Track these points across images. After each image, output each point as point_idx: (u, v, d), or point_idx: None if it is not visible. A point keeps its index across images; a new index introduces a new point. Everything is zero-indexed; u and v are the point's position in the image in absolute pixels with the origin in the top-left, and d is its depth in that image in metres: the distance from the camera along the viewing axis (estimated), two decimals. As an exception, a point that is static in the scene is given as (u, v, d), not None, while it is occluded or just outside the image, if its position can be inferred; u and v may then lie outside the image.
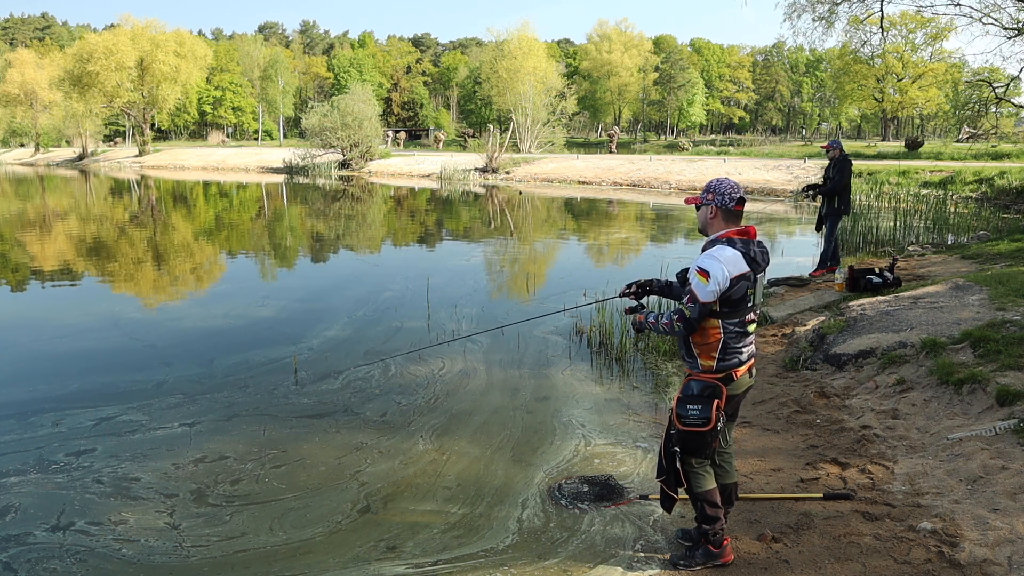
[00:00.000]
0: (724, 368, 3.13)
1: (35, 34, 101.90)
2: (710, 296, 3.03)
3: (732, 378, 3.15)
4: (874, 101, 57.76)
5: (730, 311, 3.09)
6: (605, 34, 72.69)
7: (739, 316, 3.11)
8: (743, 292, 3.07)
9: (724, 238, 3.12)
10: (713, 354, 3.12)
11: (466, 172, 35.77)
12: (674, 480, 3.28)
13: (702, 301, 3.05)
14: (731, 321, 3.10)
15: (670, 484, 3.30)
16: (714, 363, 3.13)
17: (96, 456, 4.73)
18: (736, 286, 3.04)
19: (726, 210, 3.14)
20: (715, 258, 3.04)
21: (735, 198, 3.13)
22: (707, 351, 3.14)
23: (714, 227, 3.18)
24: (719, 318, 3.10)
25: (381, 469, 4.53)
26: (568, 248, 14.76)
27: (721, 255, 3.04)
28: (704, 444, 3.14)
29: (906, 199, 18.46)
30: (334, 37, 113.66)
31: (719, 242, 3.12)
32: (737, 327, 3.12)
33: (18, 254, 14.17)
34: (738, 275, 3.03)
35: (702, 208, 3.22)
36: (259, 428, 5.17)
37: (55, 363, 6.78)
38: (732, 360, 3.13)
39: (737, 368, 3.14)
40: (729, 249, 3.07)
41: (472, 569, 3.45)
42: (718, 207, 3.15)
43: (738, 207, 3.14)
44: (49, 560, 3.58)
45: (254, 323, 8.34)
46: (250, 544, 3.69)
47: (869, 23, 26.55)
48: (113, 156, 59.81)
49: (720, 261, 3.02)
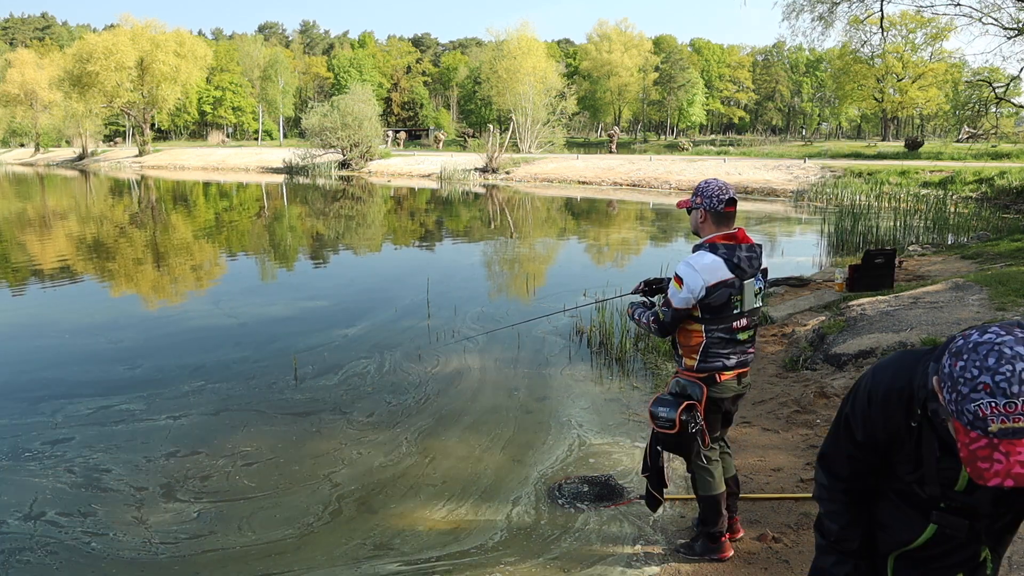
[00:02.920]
0: (706, 369, 3.10)
1: (35, 34, 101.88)
2: (682, 303, 3.01)
3: (715, 380, 3.11)
4: (874, 101, 57.74)
5: (712, 317, 3.04)
6: (605, 34, 72.64)
7: (724, 323, 3.05)
8: (725, 299, 3.01)
9: (708, 244, 3.06)
10: (694, 355, 3.11)
11: (466, 172, 35.75)
12: (657, 480, 3.29)
13: (674, 307, 3.04)
14: (714, 327, 3.06)
15: (654, 483, 3.30)
16: (695, 363, 3.11)
17: (71, 446, 4.80)
18: (715, 294, 2.98)
19: (715, 212, 3.06)
20: (691, 265, 3.00)
21: (724, 199, 3.05)
22: (689, 352, 3.13)
23: (705, 230, 3.11)
24: (702, 323, 3.06)
25: (376, 466, 4.51)
26: (571, 248, 14.75)
27: (698, 263, 3.00)
28: (682, 446, 3.12)
29: (906, 199, 18.47)
30: (334, 37, 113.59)
31: (703, 247, 3.07)
32: (723, 333, 3.06)
33: (16, 253, 14.16)
34: (716, 282, 2.98)
35: (692, 212, 3.16)
36: (254, 423, 5.17)
37: (47, 356, 6.78)
38: (715, 363, 3.09)
39: (721, 372, 3.10)
40: (709, 256, 3.01)
41: (476, 566, 3.44)
42: (707, 210, 3.08)
43: (728, 208, 3.06)
44: (21, 552, 3.60)
45: (253, 322, 8.33)
46: (222, 543, 3.67)
47: (869, 23, 26.56)
48: (113, 156, 59.77)
49: (696, 269, 2.98)
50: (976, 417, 1.30)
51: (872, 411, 1.65)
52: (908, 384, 1.58)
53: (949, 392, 1.35)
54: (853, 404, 1.72)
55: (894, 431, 1.62)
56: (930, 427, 1.55)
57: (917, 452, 1.60)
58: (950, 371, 1.35)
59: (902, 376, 1.61)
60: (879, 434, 1.65)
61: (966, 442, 1.33)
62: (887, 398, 1.62)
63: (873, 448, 1.69)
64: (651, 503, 3.38)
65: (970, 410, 1.31)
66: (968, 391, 1.31)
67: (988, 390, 1.28)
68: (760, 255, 3.12)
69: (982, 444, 1.30)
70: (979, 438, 1.31)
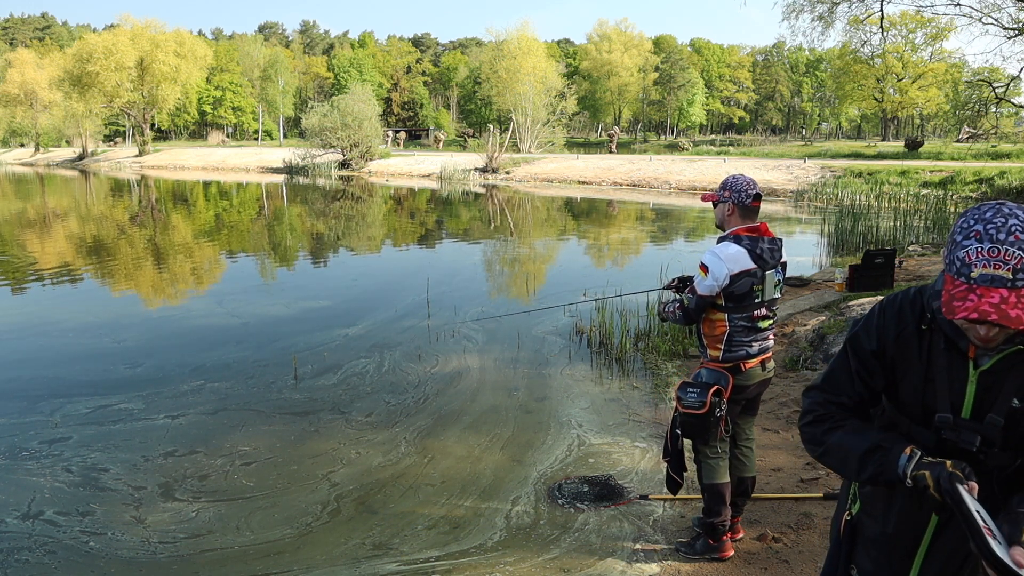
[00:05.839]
0: (731, 359, 3.20)
1: (35, 34, 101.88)
2: (707, 290, 3.13)
3: (740, 369, 3.21)
4: (874, 101, 57.74)
5: (735, 306, 3.16)
6: (605, 34, 72.62)
7: (746, 311, 3.17)
8: (747, 288, 3.13)
9: (732, 235, 3.17)
10: (719, 345, 3.21)
11: (466, 172, 35.75)
12: (676, 463, 3.37)
13: (699, 294, 3.16)
14: (737, 315, 3.17)
15: (674, 467, 3.39)
16: (720, 353, 3.20)
17: (69, 445, 4.80)
18: (738, 282, 3.10)
19: (743, 207, 3.18)
20: (716, 255, 3.11)
21: (751, 194, 3.17)
22: (714, 342, 3.23)
23: (731, 223, 3.22)
24: (725, 312, 3.17)
25: (375, 465, 4.51)
26: (571, 248, 14.75)
27: (724, 252, 3.11)
28: (703, 429, 3.17)
29: (906, 199, 18.48)
30: (334, 37, 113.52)
31: (727, 239, 3.18)
32: (744, 322, 3.18)
33: (16, 253, 14.16)
34: (740, 271, 3.09)
35: (719, 205, 3.27)
36: (253, 423, 5.16)
37: (46, 356, 6.78)
38: (739, 352, 3.19)
39: (745, 360, 3.20)
40: (734, 246, 3.12)
41: (476, 566, 3.44)
42: (735, 204, 3.19)
43: (755, 203, 3.19)
44: (19, 551, 3.59)
45: (252, 321, 8.32)
46: (221, 542, 3.66)
47: (869, 23, 26.56)
48: (113, 156, 59.76)
49: (721, 258, 3.09)
50: (963, 263, 1.42)
51: (884, 319, 1.69)
52: (918, 294, 1.66)
53: (947, 247, 1.49)
54: (865, 320, 1.73)
55: (905, 339, 1.64)
56: (939, 330, 1.59)
57: (928, 365, 1.60)
58: (953, 229, 1.48)
59: (912, 291, 1.69)
60: (888, 343, 1.66)
61: (950, 289, 1.44)
62: (901, 307, 1.67)
63: (881, 361, 1.68)
64: (671, 485, 3.46)
65: (959, 256, 1.43)
66: (961, 238, 1.44)
67: (978, 236, 1.41)
68: (781, 248, 3.25)
69: (962, 289, 1.42)
70: (961, 284, 1.42)
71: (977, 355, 1.55)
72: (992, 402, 1.54)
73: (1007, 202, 1.45)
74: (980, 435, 1.54)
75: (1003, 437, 1.54)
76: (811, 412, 1.77)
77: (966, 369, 1.56)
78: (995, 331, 1.44)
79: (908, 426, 1.66)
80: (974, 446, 1.55)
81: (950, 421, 1.57)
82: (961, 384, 1.56)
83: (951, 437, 1.57)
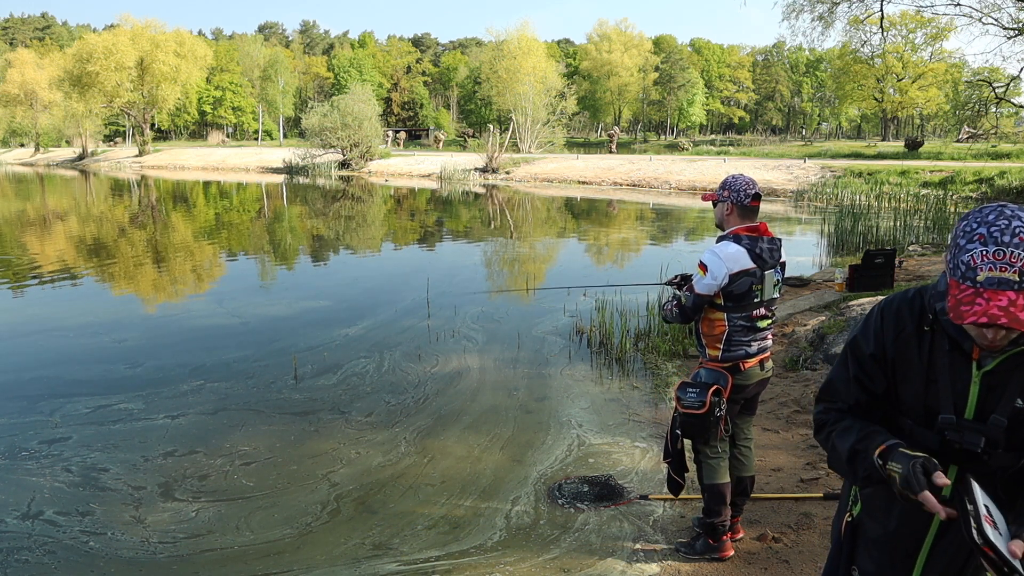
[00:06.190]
0: (730, 358, 3.20)
1: (35, 34, 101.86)
2: (705, 289, 3.13)
3: (739, 368, 3.21)
4: (874, 101, 57.73)
5: (734, 305, 3.16)
6: (605, 34, 72.60)
7: (745, 311, 3.17)
8: (746, 288, 3.12)
9: (731, 235, 3.17)
10: (718, 345, 3.21)
11: (466, 172, 35.74)
12: (677, 464, 3.37)
13: (697, 292, 3.16)
14: (736, 315, 3.17)
15: (675, 467, 3.39)
16: (719, 353, 3.21)
17: (69, 445, 4.80)
18: (738, 282, 3.10)
19: (742, 206, 3.18)
20: (716, 254, 3.11)
21: (750, 194, 3.17)
22: (713, 341, 3.23)
23: (730, 223, 3.22)
24: (724, 311, 3.17)
25: (375, 465, 4.50)
26: (571, 247, 14.75)
27: (723, 251, 3.11)
28: (702, 429, 3.17)
29: (906, 199, 18.48)
30: (334, 37, 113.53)
31: (727, 238, 3.18)
32: (743, 321, 3.18)
33: (16, 253, 14.15)
34: (739, 271, 3.09)
35: (719, 204, 3.27)
36: (253, 423, 5.16)
37: (46, 355, 6.77)
38: (738, 351, 3.19)
39: (745, 360, 3.20)
40: (733, 245, 3.12)
41: (476, 566, 3.43)
42: (734, 203, 3.19)
43: (754, 203, 3.19)
44: (19, 551, 3.59)
45: (253, 321, 8.32)
46: (221, 542, 3.66)
47: (869, 23, 26.56)
48: (113, 156, 59.75)
49: (720, 257, 3.09)
50: (968, 267, 1.41)
51: (882, 322, 1.68)
52: (917, 295, 1.66)
53: (950, 251, 1.47)
54: (863, 325, 1.73)
55: (904, 340, 1.64)
56: (942, 332, 1.58)
57: (930, 366, 1.60)
58: (954, 232, 1.47)
59: (910, 292, 1.68)
60: (888, 345, 1.66)
61: (955, 294, 1.43)
62: (899, 309, 1.67)
63: (880, 364, 1.67)
64: (673, 487, 3.45)
65: (964, 261, 1.42)
66: (965, 242, 1.43)
67: (982, 239, 1.40)
68: (780, 248, 3.25)
69: (968, 293, 1.40)
70: (967, 288, 1.41)
71: (981, 356, 1.55)
72: (996, 403, 1.53)
73: (1008, 204, 1.45)
74: (984, 436, 1.54)
75: (1007, 438, 1.54)
76: (815, 422, 1.80)
77: (969, 370, 1.55)
78: (1002, 334, 1.44)
79: (910, 428, 1.65)
80: (978, 447, 1.54)
81: (953, 422, 1.57)
82: (964, 385, 1.56)
83: (954, 438, 1.57)
